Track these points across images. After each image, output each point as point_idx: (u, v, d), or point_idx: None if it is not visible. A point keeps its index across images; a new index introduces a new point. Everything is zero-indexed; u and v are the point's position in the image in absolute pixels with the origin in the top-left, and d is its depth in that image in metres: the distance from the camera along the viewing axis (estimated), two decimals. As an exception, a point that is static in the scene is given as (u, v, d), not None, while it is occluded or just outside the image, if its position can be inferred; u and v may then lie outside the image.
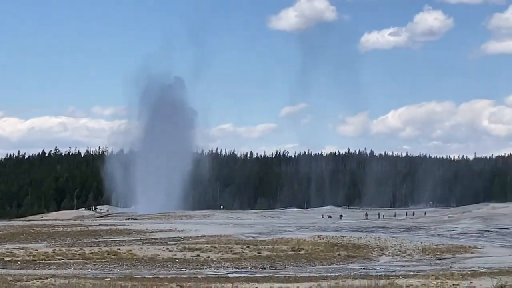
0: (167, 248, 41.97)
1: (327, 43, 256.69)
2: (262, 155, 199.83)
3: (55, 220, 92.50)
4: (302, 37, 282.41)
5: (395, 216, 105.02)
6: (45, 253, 38.96)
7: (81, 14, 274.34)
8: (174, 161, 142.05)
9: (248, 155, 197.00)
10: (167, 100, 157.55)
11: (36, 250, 40.14)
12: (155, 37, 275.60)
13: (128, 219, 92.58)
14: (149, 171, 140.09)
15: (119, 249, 40.99)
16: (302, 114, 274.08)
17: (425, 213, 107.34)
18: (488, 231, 65.73)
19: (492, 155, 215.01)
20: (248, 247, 43.21)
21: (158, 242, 47.50)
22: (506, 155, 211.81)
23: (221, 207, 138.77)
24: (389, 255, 42.65)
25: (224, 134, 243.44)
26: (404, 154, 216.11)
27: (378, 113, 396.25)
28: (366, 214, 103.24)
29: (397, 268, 34.74)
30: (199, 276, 29.31)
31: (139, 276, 28.99)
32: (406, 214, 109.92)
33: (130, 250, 40.41)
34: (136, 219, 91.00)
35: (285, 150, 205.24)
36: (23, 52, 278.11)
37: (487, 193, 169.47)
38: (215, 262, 37.02)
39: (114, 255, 38.64)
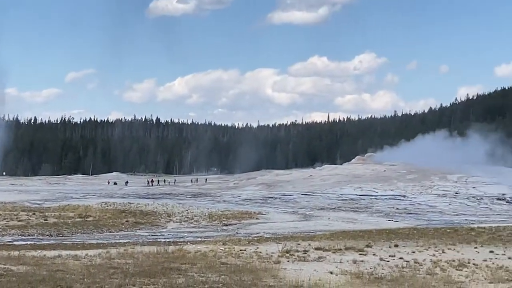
0: None
1: (116, 8, 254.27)
2: (47, 120, 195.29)
3: None
4: (90, 3, 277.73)
5: (174, 182, 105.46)
6: None
7: None
8: None
9: (32, 121, 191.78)
10: None
11: None
12: None
13: None
14: None
15: None
16: (88, 80, 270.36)
17: (206, 180, 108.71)
18: (272, 197, 67.66)
19: (275, 123, 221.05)
20: (34, 214, 42.26)
21: None
22: (289, 123, 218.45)
23: (4, 173, 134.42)
24: (176, 222, 43.04)
25: (7, 98, 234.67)
26: (190, 121, 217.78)
27: (165, 80, 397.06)
28: (152, 181, 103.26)
29: (185, 234, 35.12)
30: (-17, 245, 28.38)
31: None
32: (192, 180, 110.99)
33: None
34: None
35: (70, 116, 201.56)
36: None
37: (271, 160, 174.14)
38: (0, 230, 35.94)
39: None
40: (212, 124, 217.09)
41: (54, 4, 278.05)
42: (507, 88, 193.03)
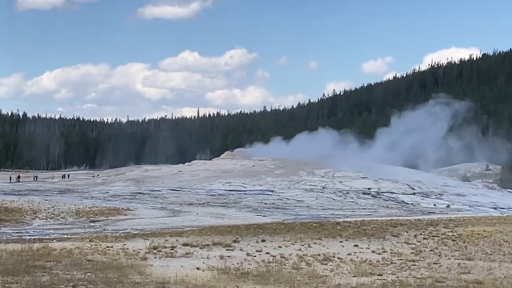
0: None
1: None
2: None
3: None
4: None
5: (36, 178, 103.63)
6: None
7: None
8: None
9: None
10: None
11: None
12: None
13: None
14: None
15: None
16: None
17: (64, 176, 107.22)
18: (141, 193, 67.36)
19: (145, 118, 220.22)
20: None
21: None
22: (158, 118, 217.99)
23: None
24: (43, 218, 42.20)
25: None
26: (58, 116, 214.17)
27: (33, 74, 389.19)
28: (19, 177, 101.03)
29: (51, 231, 34.49)
30: None
31: None
32: (63, 176, 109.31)
33: None
34: None
35: None
36: None
37: (140, 155, 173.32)
38: None
39: None
40: (81, 119, 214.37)
41: None
42: (373, 84, 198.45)
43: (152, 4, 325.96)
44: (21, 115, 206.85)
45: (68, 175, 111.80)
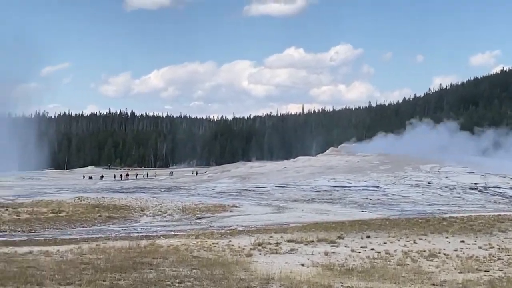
0: None
1: (93, 1, 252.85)
2: (21, 115, 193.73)
3: None
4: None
5: (147, 176, 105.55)
6: None
7: None
8: None
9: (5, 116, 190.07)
10: None
11: None
12: None
13: None
14: None
15: None
16: (64, 74, 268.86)
17: (196, 173, 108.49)
18: (246, 189, 67.68)
19: (250, 115, 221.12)
20: (6, 210, 42.01)
21: None
22: (264, 115, 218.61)
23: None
24: (150, 216, 42.91)
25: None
26: (165, 114, 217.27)
27: (141, 73, 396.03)
28: (127, 175, 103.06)
29: (158, 228, 35.04)
30: (-46, 242, 28.19)
31: None
32: (170, 173, 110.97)
33: None
34: None
35: (45, 111, 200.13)
36: None
37: (245, 152, 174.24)
38: (-30, 227, 35.71)
39: None
40: (188, 117, 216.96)
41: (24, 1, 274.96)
42: (480, 78, 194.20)
43: (257, 1, 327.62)
44: (129, 114, 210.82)
45: (172, 172, 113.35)
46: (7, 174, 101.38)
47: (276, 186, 70.21)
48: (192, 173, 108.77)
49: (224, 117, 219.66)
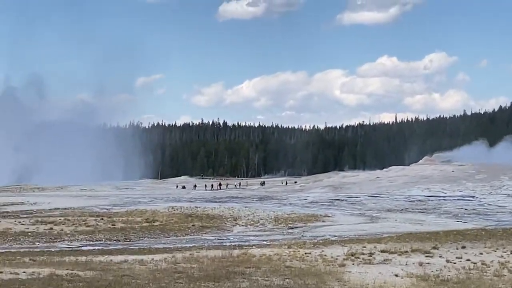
0: (19, 222, 41.00)
1: (185, 11, 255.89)
2: (116, 126, 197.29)
3: None
4: (159, 6, 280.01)
5: (240, 185, 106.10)
6: None
7: None
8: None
9: (101, 126, 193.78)
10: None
11: None
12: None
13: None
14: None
15: (-33, 223, 39.77)
16: (158, 85, 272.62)
17: (285, 183, 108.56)
18: (339, 199, 67.31)
19: (343, 124, 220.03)
20: (102, 219, 42.77)
21: (9, 216, 46.29)
22: (356, 124, 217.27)
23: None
24: (242, 225, 43.09)
25: (75, 106, 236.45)
26: (257, 124, 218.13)
27: (233, 83, 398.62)
28: (220, 184, 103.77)
29: (251, 237, 35.15)
30: (53, 250, 28.81)
31: (-11, 251, 28.21)
32: (261, 183, 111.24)
33: (-20, 225, 39.29)
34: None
35: (139, 121, 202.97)
36: None
37: (338, 162, 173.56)
38: (68, 235, 36.44)
39: (-38, 230, 37.48)
40: (280, 127, 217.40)
41: (123, 11, 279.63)
42: None
43: (350, 10, 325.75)
44: (221, 124, 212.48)
45: (263, 182, 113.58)
46: (103, 183, 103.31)
47: (369, 196, 69.67)
48: (282, 183, 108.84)
49: (316, 127, 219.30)
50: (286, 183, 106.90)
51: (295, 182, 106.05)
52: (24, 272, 17.53)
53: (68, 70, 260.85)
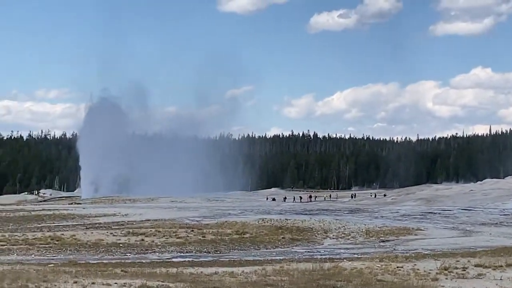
0: (111, 233, 41.53)
1: (276, 24, 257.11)
2: (206, 138, 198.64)
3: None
4: (250, 18, 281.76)
5: (330, 198, 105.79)
6: (-14, 239, 38.27)
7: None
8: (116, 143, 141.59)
9: (191, 138, 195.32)
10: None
11: (-23, 236, 39.42)
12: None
13: (72, 203, 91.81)
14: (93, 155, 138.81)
15: (62, 234, 40.42)
16: (248, 96, 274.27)
17: (374, 195, 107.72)
18: (431, 212, 66.31)
19: (435, 136, 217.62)
20: (192, 231, 42.98)
21: (102, 227, 46.96)
22: (449, 136, 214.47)
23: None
24: (333, 238, 42.79)
25: (166, 117, 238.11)
26: (348, 136, 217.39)
27: (324, 95, 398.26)
28: (310, 196, 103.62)
29: (342, 251, 34.85)
30: (144, 261, 29.05)
31: (83, 262, 28.57)
32: (353, 196, 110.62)
33: (74, 235, 39.87)
34: (80, 204, 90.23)
35: (229, 133, 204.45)
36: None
37: (430, 174, 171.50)
38: (159, 247, 36.73)
39: (57, 241, 38.09)
40: (371, 139, 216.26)
41: (214, 23, 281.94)
42: None
43: (444, 21, 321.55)
44: (311, 135, 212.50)
45: (354, 195, 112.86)
46: (194, 195, 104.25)
47: (462, 209, 68.46)
48: (370, 195, 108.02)
49: (407, 139, 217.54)
50: (375, 196, 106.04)
51: (384, 195, 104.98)
52: (116, 283, 17.65)
53: (162, 81, 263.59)
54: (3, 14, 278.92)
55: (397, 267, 22.44)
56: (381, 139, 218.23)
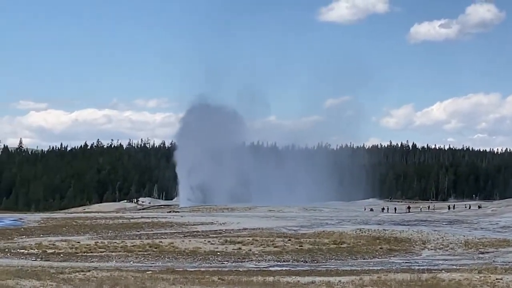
0: (209, 241, 42.01)
1: (377, 34, 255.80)
2: (304, 147, 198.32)
3: (97, 212, 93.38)
4: (352, 28, 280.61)
5: (428, 209, 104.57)
6: (87, 245, 39.23)
7: (122, 8, 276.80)
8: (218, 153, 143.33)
9: (290, 147, 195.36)
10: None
11: (79, 242, 40.44)
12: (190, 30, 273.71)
13: (170, 211, 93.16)
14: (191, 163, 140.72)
15: (161, 241, 41.13)
16: (346, 106, 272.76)
17: (469, 207, 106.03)
18: (533, 224, 64.90)
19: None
20: (289, 240, 43.13)
21: (199, 235, 47.58)
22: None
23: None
24: (431, 249, 42.32)
25: (266, 127, 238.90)
26: (447, 147, 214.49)
27: (423, 105, 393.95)
28: (409, 208, 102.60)
29: (440, 262, 34.47)
30: (241, 269, 29.31)
31: (180, 269, 29.04)
32: (449, 207, 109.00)
33: (172, 243, 40.53)
34: (178, 212, 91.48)
35: (327, 143, 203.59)
36: (68, 45, 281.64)
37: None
38: (256, 255, 37.00)
39: (156, 248, 38.79)
40: (471, 149, 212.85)
41: (313, 35, 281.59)
42: None
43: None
44: (410, 146, 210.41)
45: (451, 206, 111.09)
46: (292, 205, 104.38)
47: None
48: (465, 207, 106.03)
49: (508, 150, 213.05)
50: (470, 207, 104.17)
51: (479, 207, 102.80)
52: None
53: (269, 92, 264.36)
54: (106, 27, 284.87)
55: (496, 279, 22.13)
56: (481, 150, 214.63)
